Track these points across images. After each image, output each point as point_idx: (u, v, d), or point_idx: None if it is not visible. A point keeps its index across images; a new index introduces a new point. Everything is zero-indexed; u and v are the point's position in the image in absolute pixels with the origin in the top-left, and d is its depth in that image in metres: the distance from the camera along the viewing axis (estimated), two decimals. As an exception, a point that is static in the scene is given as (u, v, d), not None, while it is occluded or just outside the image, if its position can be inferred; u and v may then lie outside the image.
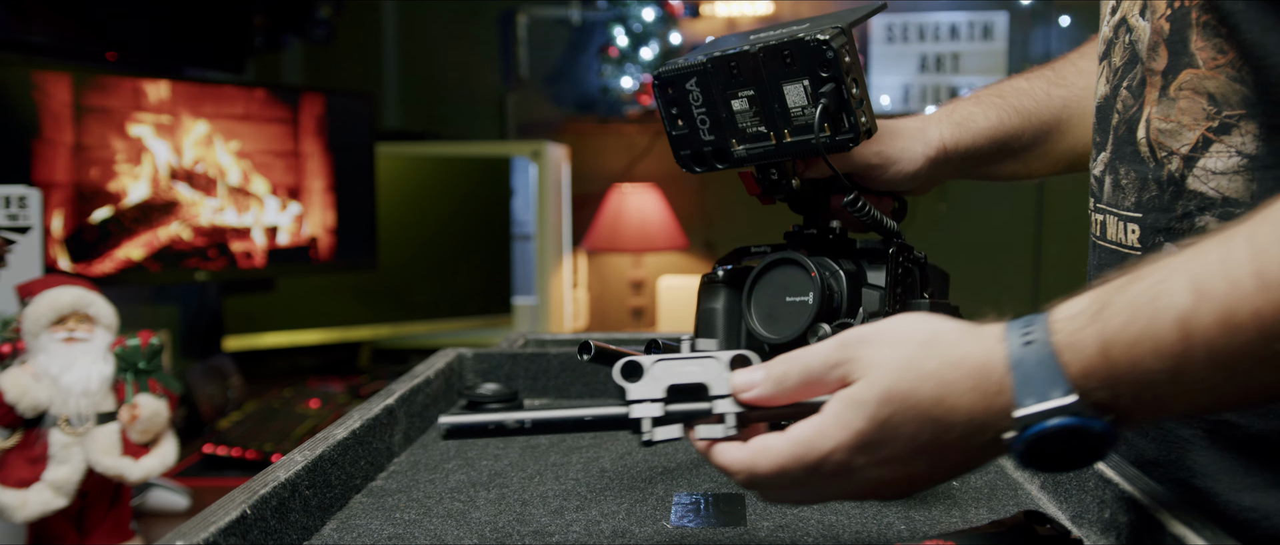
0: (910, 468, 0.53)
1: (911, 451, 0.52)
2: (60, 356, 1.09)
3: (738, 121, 0.76)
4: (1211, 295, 0.46)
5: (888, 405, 0.52)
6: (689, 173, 0.81)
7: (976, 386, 0.51)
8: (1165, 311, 0.47)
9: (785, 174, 0.79)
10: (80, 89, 1.84)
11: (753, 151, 0.77)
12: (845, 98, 0.71)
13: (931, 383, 0.51)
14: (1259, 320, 0.45)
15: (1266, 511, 0.62)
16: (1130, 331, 0.48)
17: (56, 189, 1.81)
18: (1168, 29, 0.66)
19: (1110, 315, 0.49)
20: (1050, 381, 0.49)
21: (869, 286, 0.77)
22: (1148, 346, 0.47)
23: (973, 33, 3.31)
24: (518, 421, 0.58)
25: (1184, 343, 0.47)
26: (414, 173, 2.71)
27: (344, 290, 2.54)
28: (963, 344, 0.52)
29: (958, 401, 0.51)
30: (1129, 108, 0.71)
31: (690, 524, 0.67)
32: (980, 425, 0.51)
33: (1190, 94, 0.65)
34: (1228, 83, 0.63)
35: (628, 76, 3.24)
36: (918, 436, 0.52)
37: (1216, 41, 0.62)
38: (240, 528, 0.58)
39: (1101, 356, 0.48)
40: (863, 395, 0.52)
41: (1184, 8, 0.64)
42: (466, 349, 1.09)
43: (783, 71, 0.73)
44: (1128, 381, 0.48)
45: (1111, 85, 0.74)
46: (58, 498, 1.08)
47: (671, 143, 0.80)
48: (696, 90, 0.77)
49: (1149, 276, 0.49)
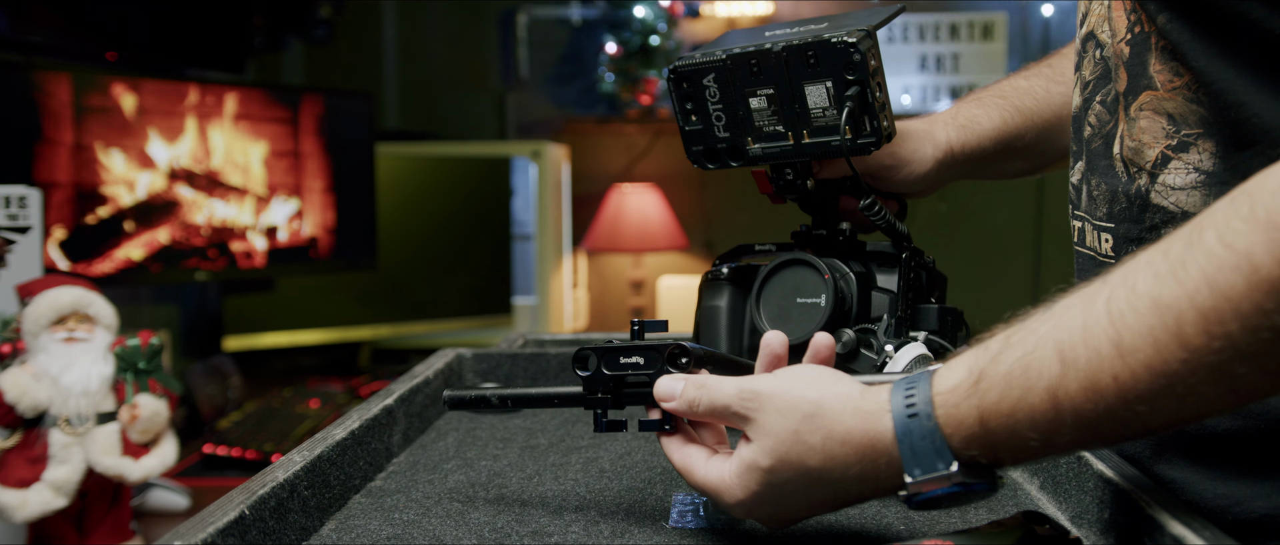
0: (811, 509, 0.60)
1: (810, 502, 0.59)
2: (60, 356, 1.09)
3: (755, 120, 0.76)
4: (1075, 364, 0.49)
5: (781, 472, 0.57)
6: (701, 169, 0.81)
7: (863, 458, 0.55)
8: (1037, 381, 0.50)
9: (800, 174, 0.78)
10: (80, 89, 1.84)
11: (769, 150, 0.76)
12: (869, 101, 0.71)
13: (818, 455, 0.56)
14: (1119, 385, 0.48)
15: (1237, 498, 0.65)
16: (1006, 403, 0.51)
17: (56, 189, 1.81)
18: (1127, 52, 0.68)
19: (987, 388, 0.52)
20: (935, 454, 0.53)
21: (879, 290, 0.77)
22: (1023, 417, 0.51)
23: (973, 33, 3.31)
24: (500, 397, 0.70)
25: (1054, 410, 0.50)
26: (414, 173, 2.71)
27: (344, 290, 2.54)
28: (845, 419, 0.56)
29: (846, 471, 0.56)
30: (1104, 123, 0.72)
31: (689, 524, 0.67)
32: (872, 486, 0.56)
33: (1150, 114, 0.67)
34: (1185, 103, 0.64)
35: (627, 77, 3.24)
36: (812, 494, 0.58)
37: (1173, 65, 0.64)
38: (238, 528, 0.58)
39: (980, 427, 0.52)
40: (758, 461, 0.58)
41: (1143, 32, 0.66)
42: (466, 349, 1.09)
43: (805, 71, 0.72)
44: (1005, 448, 0.53)
45: (1084, 98, 0.75)
46: (58, 498, 1.08)
47: (684, 138, 0.79)
48: (714, 86, 0.76)
49: (1020, 345, 0.52)
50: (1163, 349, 0.46)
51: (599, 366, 0.66)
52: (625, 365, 0.66)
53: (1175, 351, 0.46)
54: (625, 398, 0.67)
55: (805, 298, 0.77)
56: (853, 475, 0.56)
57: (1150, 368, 0.47)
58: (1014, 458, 0.53)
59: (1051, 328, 0.51)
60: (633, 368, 0.66)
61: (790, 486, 0.57)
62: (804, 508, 0.60)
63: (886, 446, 0.55)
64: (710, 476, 0.61)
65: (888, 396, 0.55)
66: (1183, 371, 0.46)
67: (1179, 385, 0.47)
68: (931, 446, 0.53)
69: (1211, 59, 0.61)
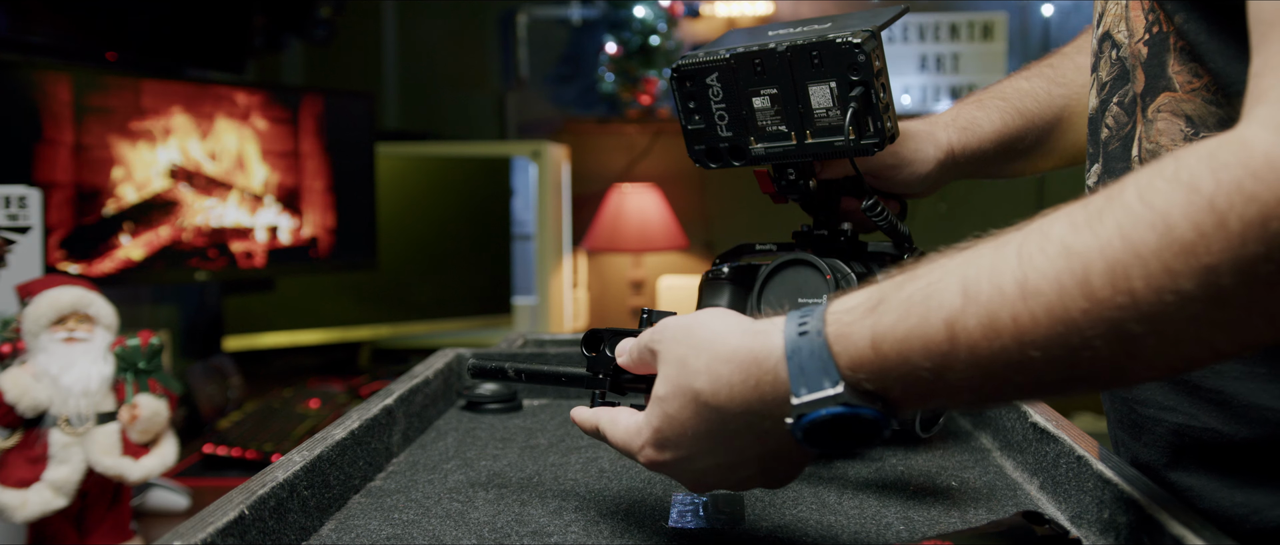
0: (714, 458, 0.58)
1: (703, 441, 0.57)
2: (60, 356, 1.09)
3: (758, 119, 0.75)
4: (977, 299, 0.48)
5: (671, 401, 0.57)
6: (702, 169, 0.81)
7: (747, 377, 0.54)
8: (936, 311, 0.49)
9: (802, 174, 0.78)
10: (80, 89, 1.84)
11: (772, 150, 0.76)
12: (873, 102, 0.71)
13: (703, 377, 0.55)
14: (1017, 326, 0.47)
15: (1255, 506, 0.64)
16: (901, 329, 0.50)
17: (56, 189, 1.81)
18: (1145, 53, 0.67)
19: (884, 311, 0.51)
20: (822, 372, 0.52)
21: None
22: (917, 344, 0.50)
23: (973, 33, 3.31)
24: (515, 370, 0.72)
25: (950, 343, 0.49)
26: (414, 173, 2.71)
27: (344, 290, 2.54)
28: (733, 338, 0.55)
29: (731, 393, 0.54)
30: (1122, 126, 0.71)
31: (689, 524, 0.67)
32: (758, 413, 0.54)
33: (1168, 116, 0.66)
34: (1204, 105, 0.63)
35: (627, 77, 3.24)
36: (700, 427, 0.56)
37: (1192, 66, 0.63)
38: (238, 528, 0.58)
39: (872, 350, 0.51)
40: (656, 391, 0.58)
41: (1161, 33, 0.65)
42: (466, 349, 1.09)
43: (809, 72, 0.72)
44: (896, 375, 0.51)
45: (1100, 99, 0.74)
46: (58, 498, 1.08)
47: (686, 137, 0.79)
48: (717, 85, 0.76)
49: (925, 276, 0.51)
50: (1065, 295, 0.46)
51: (604, 349, 0.67)
52: None
53: (1077, 300, 0.45)
54: (625, 385, 0.67)
55: (807, 298, 0.77)
56: (738, 401, 0.54)
57: (1050, 312, 0.46)
58: (903, 390, 0.51)
59: (959, 263, 0.50)
60: None
61: (684, 420, 0.56)
62: (701, 451, 0.57)
63: (773, 364, 0.53)
64: (619, 428, 0.61)
65: (783, 321, 0.55)
66: (1082, 321, 0.45)
67: (1074, 336, 0.46)
68: (819, 364, 0.52)
69: (1229, 61, 0.60)
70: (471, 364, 0.75)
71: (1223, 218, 0.43)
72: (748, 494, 0.73)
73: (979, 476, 0.77)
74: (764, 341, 0.54)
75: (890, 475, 0.78)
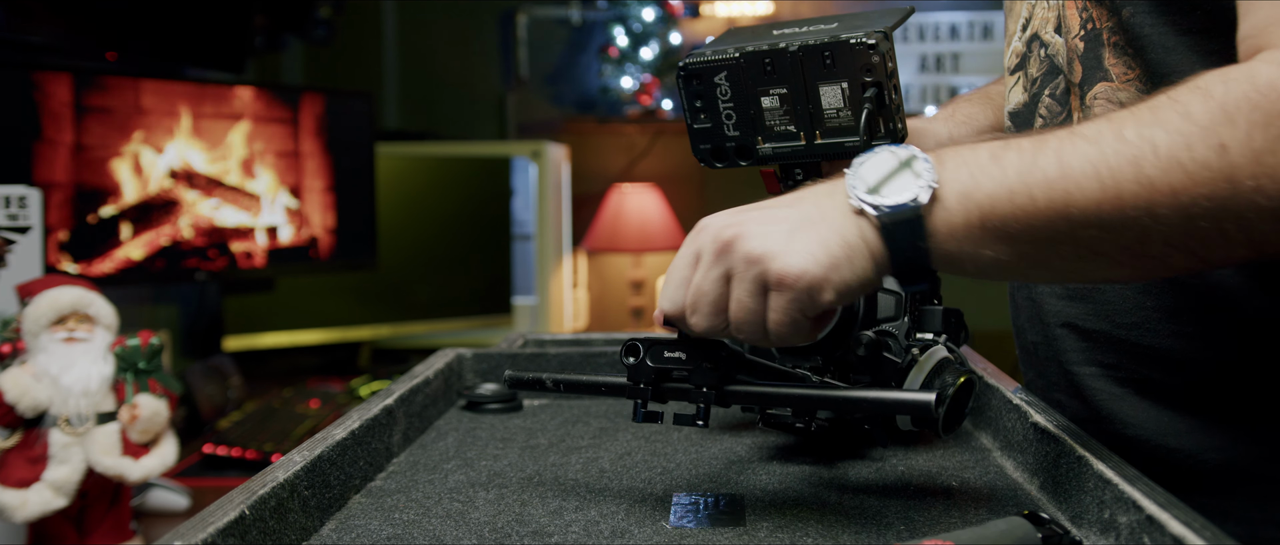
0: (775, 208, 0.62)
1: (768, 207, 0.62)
2: (60, 356, 1.09)
3: (766, 119, 0.75)
4: (1067, 164, 0.56)
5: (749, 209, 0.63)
6: (706, 168, 0.81)
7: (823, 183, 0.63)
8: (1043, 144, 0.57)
9: (810, 174, 0.78)
10: (80, 89, 1.84)
11: (780, 150, 0.76)
12: (887, 103, 0.71)
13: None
14: (1077, 186, 0.55)
15: (1191, 450, 0.71)
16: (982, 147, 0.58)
17: (56, 189, 1.81)
18: (1082, 47, 0.74)
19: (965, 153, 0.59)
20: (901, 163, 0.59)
21: (884, 291, 0.77)
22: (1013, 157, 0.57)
23: (973, 33, 3.31)
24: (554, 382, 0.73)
25: (1022, 183, 0.56)
26: (414, 173, 2.71)
27: (344, 290, 2.54)
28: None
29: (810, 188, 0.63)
30: (1055, 114, 0.78)
31: (689, 524, 0.67)
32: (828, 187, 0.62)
33: (1104, 103, 0.72)
34: (1136, 95, 0.70)
35: (628, 77, 3.24)
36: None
37: (1125, 59, 0.71)
38: (238, 528, 0.58)
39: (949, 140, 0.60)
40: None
41: (1095, 29, 0.73)
42: (466, 349, 1.09)
43: (820, 72, 0.72)
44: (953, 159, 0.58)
45: (1031, 94, 0.81)
46: (58, 498, 1.08)
47: (692, 136, 0.79)
48: (725, 84, 0.75)
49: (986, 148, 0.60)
50: (1119, 174, 0.54)
51: (644, 357, 0.68)
52: (669, 359, 0.68)
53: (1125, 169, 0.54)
54: (666, 392, 0.69)
55: None
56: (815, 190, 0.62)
57: (1102, 183, 0.55)
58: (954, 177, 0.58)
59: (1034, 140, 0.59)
60: (676, 362, 0.68)
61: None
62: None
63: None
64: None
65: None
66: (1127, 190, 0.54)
67: (1119, 200, 0.54)
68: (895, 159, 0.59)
69: (1167, 52, 0.67)
70: (508, 375, 0.76)
71: (1231, 116, 0.53)
72: (748, 494, 0.73)
73: (979, 476, 0.77)
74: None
75: (890, 475, 0.78)
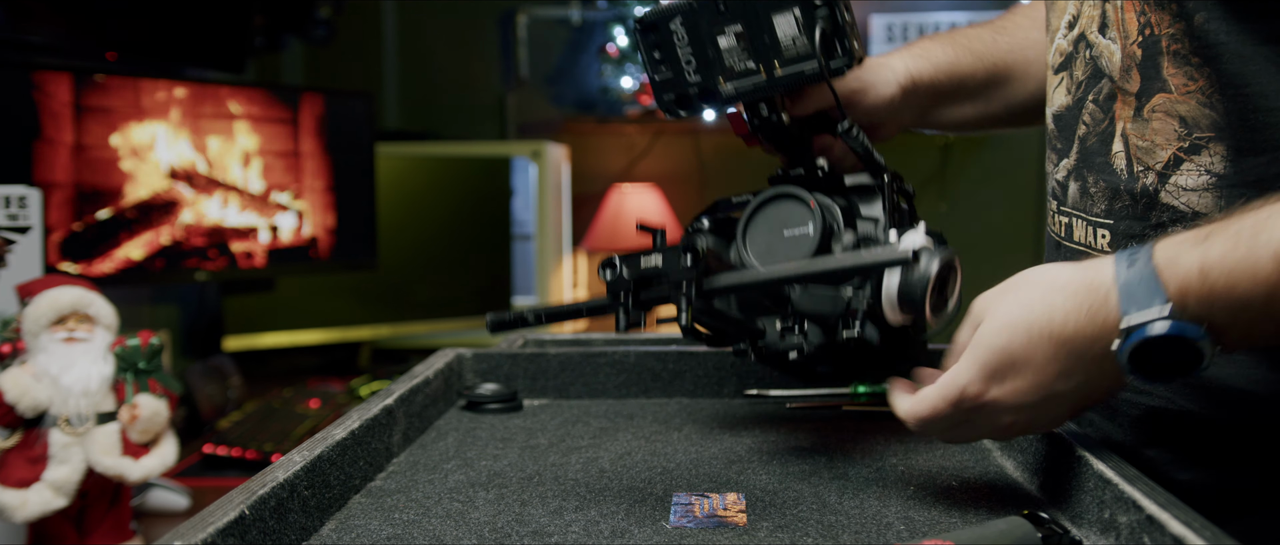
0: (1041, 391, 0.60)
1: (1036, 373, 0.59)
2: (60, 356, 1.09)
3: (725, 59, 0.75)
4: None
5: (1003, 334, 0.59)
6: (673, 119, 0.81)
7: (1079, 304, 0.57)
8: (1266, 245, 0.52)
9: (775, 109, 0.78)
10: (80, 89, 1.84)
11: (742, 88, 0.76)
12: (840, 22, 0.71)
13: (1040, 306, 0.58)
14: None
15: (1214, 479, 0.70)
16: (1230, 259, 0.53)
17: (56, 189, 1.81)
18: (1140, 54, 0.70)
19: (1212, 244, 0.54)
20: (1150, 294, 0.55)
21: (864, 219, 0.77)
22: (1245, 273, 0.53)
23: (973, 32, 3.30)
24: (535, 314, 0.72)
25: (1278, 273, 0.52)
26: (414, 173, 2.71)
27: (344, 290, 2.54)
28: (1065, 272, 0.59)
29: (1066, 319, 0.58)
30: (1098, 121, 0.75)
31: (689, 524, 0.67)
32: (1090, 339, 0.57)
33: (1163, 115, 0.69)
34: (1197, 107, 0.67)
35: (628, 76, 3.24)
36: (1035, 357, 0.59)
37: (1187, 69, 0.67)
38: (238, 528, 0.58)
39: (1200, 277, 0.54)
40: (983, 334, 0.60)
41: (1155, 35, 0.68)
42: (466, 349, 1.09)
43: (772, 2, 0.72)
44: (1223, 303, 0.54)
45: (1074, 97, 0.77)
46: (58, 498, 1.08)
47: (654, 89, 0.79)
48: (681, 30, 0.76)
49: (1254, 214, 0.54)
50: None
51: (621, 270, 0.68)
52: (645, 268, 0.68)
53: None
54: (645, 301, 0.68)
55: (792, 229, 0.77)
56: (1072, 327, 0.57)
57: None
58: (1229, 317, 0.54)
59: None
60: (652, 269, 0.67)
61: (1016, 352, 0.59)
62: (1033, 390, 0.59)
63: (1104, 290, 0.56)
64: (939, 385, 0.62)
65: (1112, 256, 0.58)
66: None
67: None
68: (1147, 288, 0.55)
69: (1244, 62, 0.64)
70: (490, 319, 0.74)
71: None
72: (747, 493, 0.73)
73: (979, 476, 0.77)
74: (1095, 270, 0.58)
75: (890, 475, 0.78)
